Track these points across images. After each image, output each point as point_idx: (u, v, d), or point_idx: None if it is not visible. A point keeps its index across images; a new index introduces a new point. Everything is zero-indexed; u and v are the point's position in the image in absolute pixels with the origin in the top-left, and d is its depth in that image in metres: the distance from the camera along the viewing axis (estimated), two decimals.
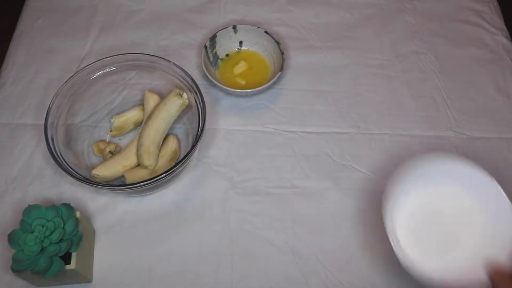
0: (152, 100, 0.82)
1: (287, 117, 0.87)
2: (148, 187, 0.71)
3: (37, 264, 0.61)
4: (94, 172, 0.75)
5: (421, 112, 0.89)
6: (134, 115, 0.84)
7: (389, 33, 0.99)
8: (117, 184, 0.78)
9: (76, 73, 0.79)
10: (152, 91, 0.84)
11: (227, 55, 0.94)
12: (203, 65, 0.86)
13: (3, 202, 0.77)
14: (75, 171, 0.71)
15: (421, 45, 0.97)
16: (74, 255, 0.64)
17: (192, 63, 0.93)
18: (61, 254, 0.63)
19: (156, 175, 0.69)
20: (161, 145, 0.79)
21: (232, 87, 0.86)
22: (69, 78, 0.78)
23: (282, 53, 0.88)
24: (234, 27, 0.92)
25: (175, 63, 0.80)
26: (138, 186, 0.70)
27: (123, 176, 0.77)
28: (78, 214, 0.67)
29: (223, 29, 0.91)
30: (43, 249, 0.62)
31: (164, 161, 0.78)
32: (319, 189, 0.80)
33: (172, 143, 0.81)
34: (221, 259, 0.73)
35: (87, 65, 0.80)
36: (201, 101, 0.77)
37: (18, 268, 0.61)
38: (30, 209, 0.64)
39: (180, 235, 0.75)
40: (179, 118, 0.82)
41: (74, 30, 0.97)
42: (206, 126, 0.76)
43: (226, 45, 0.93)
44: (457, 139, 0.85)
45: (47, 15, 1.00)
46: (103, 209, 0.77)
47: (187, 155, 0.72)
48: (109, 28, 0.98)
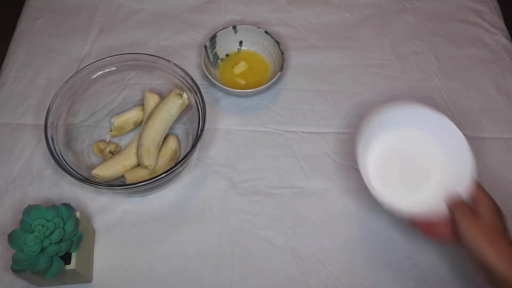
0: (152, 100, 0.82)
1: (287, 117, 0.87)
2: (148, 187, 0.71)
3: (37, 264, 0.61)
4: (94, 172, 0.75)
5: None
6: (134, 115, 0.84)
7: (389, 33, 0.99)
8: (117, 184, 0.78)
9: (76, 73, 0.79)
10: (152, 91, 0.84)
11: (227, 55, 0.94)
12: (203, 65, 0.86)
13: (3, 202, 0.77)
14: (75, 171, 0.71)
15: (421, 45, 0.97)
16: (74, 255, 0.64)
17: (192, 63, 0.93)
18: (61, 254, 0.63)
19: (156, 175, 0.69)
20: (161, 145, 0.79)
21: (232, 87, 0.86)
22: (69, 78, 0.78)
23: (282, 53, 0.88)
24: (234, 27, 0.92)
25: (175, 63, 0.80)
26: (138, 186, 0.70)
27: (123, 176, 0.77)
28: (78, 214, 0.67)
29: (223, 29, 0.91)
30: (43, 249, 0.62)
31: (164, 161, 0.78)
32: (319, 189, 0.80)
33: (172, 143, 0.81)
34: (221, 259, 0.73)
35: (87, 65, 0.80)
36: (201, 101, 0.77)
37: (18, 268, 0.61)
38: (30, 209, 0.64)
39: (180, 235, 0.75)
40: (179, 118, 0.82)
41: (74, 30, 0.97)
42: (206, 126, 0.76)
43: (226, 45, 0.93)
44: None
45: (47, 15, 1.00)
46: (103, 209, 0.77)
47: (187, 155, 0.72)
48: (109, 28, 0.98)
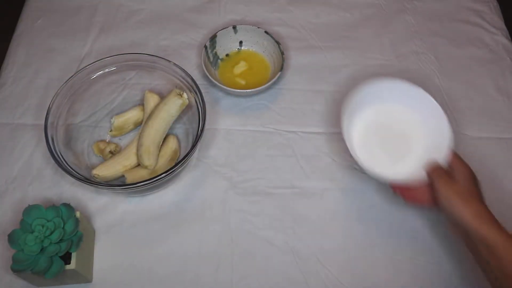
0: (152, 100, 0.82)
1: (287, 117, 0.87)
2: (148, 187, 0.71)
3: (37, 264, 0.61)
4: (94, 172, 0.75)
5: None
6: (134, 115, 0.84)
7: (389, 33, 0.99)
8: (117, 184, 0.78)
9: (76, 73, 0.79)
10: (152, 91, 0.84)
11: (227, 55, 0.94)
12: (203, 65, 0.86)
13: (3, 202, 0.77)
14: (75, 171, 0.71)
15: (421, 45, 0.97)
16: (74, 255, 0.64)
17: (192, 63, 0.93)
18: (61, 254, 0.63)
19: (156, 175, 0.69)
20: (161, 145, 0.79)
21: (232, 87, 0.86)
22: (69, 78, 0.78)
23: (282, 53, 0.88)
24: (234, 27, 0.92)
25: (175, 63, 0.80)
26: (138, 186, 0.70)
27: (123, 176, 0.77)
28: (78, 214, 0.67)
29: (223, 29, 0.91)
30: (43, 249, 0.62)
31: (164, 161, 0.78)
32: (319, 189, 0.80)
33: (172, 143, 0.81)
34: (221, 259, 0.73)
35: (87, 65, 0.80)
36: (201, 101, 0.77)
37: (18, 268, 0.61)
38: (30, 209, 0.64)
39: (180, 235, 0.75)
40: (179, 118, 0.82)
41: (74, 30, 0.97)
42: (206, 126, 0.76)
43: (226, 45, 0.93)
44: (457, 139, 0.85)
45: (47, 15, 1.00)
46: (103, 209, 0.77)
47: (187, 155, 0.72)
48: (109, 28, 0.98)
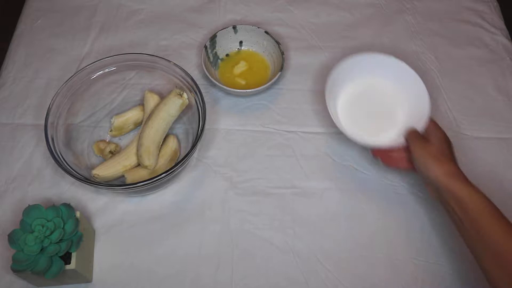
0: (152, 100, 0.82)
1: (287, 117, 0.87)
2: (148, 187, 0.71)
3: (37, 264, 0.61)
4: (94, 172, 0.75)
5: None
6: (134, 115, 0.84)
7: (389, 33, 0.99)
8: (117, 184, 0.78)
9: (76, 73, 0.79)
10: (152, 91, 0.84)
11: (227, 55, 0.94)
12: (203, 65, 0.86)
13: (3, 202, 0.77)
14: (75, 171, 0.71)
15: (421, 45, 0.97)
16: (74, 255, 0.64)
17: (192, 63, 0.93)
18: (61, 254, 0.63)
19: (156, 175, 0.69)
20: (161, 145, 0.79)
21: (232, 87, 0.86)
22: (69, 78, 0.78)
23: (282, 53, 0.88)
24: (234, 27, 0.92)
25: (175, 63, 0.80)
26: (138, 186, 0.70)
27: (123, 176, 0.77)
28: (78, 214, 0.67)
29: (223, 29, 0.91)
30: (43, 249, 0.62)
31: (164, 161, 0.78)
32: (319, 189, 0.80)
33: (172, 143, 0.81)
34: (221, 259, 0.73)
35: (87, 65, 0.80)
36: (201, 101, 0.77)
37: (18, 268, 0.61)
38: (30, 209, 0.64)
39: (180, 235, 0.75)
40: (179, 118, 0.82)
41: (74, 30, 0.97)
42: (206, 126, 0.76)
43: (226, 45, 0.93)
44: (457, 139, 0.85)
45: (47, 15, 1.00)
46: (103, 209, 0.77)
47: (187, 155, 0.72)
48: (109, 28, 0.98)
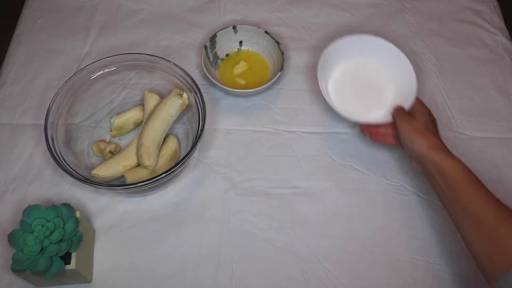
0: (152, 100, 0.82)
1: (287, 117, 0.87)
2: (148, 187, 0.71)
3: (37, 264, 0.61)
4: (94, 172, 0.75)
5: None
6: (134, 115, 0.84)
7: (389, 33, 0.99)
8: (117, 184, 0.78)
9: (76, 73, 0.79)
10: (152, 91, 0.84)
11: (227, 55, 0.94)
12: (203, 65, 0.86)
13: (3, 202, 0.77)
14: (75, 171, 0.71)
15: (421, 45, 0.97)
16: (74, 255, 0.64)
17: (192, 63, 0.93)
18: (61, 254, 0.63)
19: (156, 175, 0.69)
20: (161, 145, 0.79)
21: (232, 87, 0.86)
22: (69, 78, 0.78)
23: (282, 53, 0.88)
24: (234, 27, 0.92)
25: (175, 63, 0.80)
26: (138, 186, 0.70)
27: (123, 176, 0.77)
28: (78, 214, 0.67)
29: (223, 29, 0.91)
30: (43, 249, 0.62)
31: (164, 161, 0.78)
32: (319, 189, 0.80)
33: (172, 143, 0.81)
34: (221, 259, 0.73)
35: (87, 65, 0.80)
36: (201, 101, 0.77)
37: (18, 268, 0.61)
38: (30, 209, 0.64)
39: (180, 235, 0.75)
40: (179, 118, 0.82)
41: (74, 30, 0.97)
42: (206, 126, 0.76)
43: (226, 45, 0.93)
44: (457, 139, 0.85)
45: (47, 15, 1.00)
46: (103, 209, 0.77)
47: (187, 155, 0.72)
48: (109, 28, 0.98)
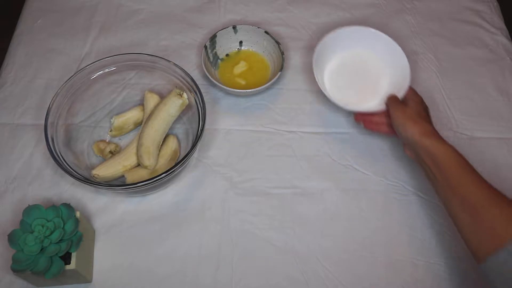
0: (152, 100, 0.82)
1: (287, 117, 0.87)
2: (148, 187, 0.71)
3: (37, 264, 0.61)
4: (94, 172, 0.75)
5: None
6: (134, 115, 0.84)
7: (389, 33, 0.98)
8: (117, 184, 0.78)
9: (76, 73, 0.79)
10: (152, 91, 0.84)
11: (227, 55, 0.94)
12: (203, 65, 0.86)
13: (3, 202, 0.77)
14: (75, 171, 0.71)
15: (421, 45, 0.97)
16: (74, 255, 0.64)
17: (192, 63, 0.93)
18: (61, 254, 0.63)
19: (156, 175, 0.69)
20: (161, 145, 0.79)
21: (232, 87, 0.86)
22: (69, 78, 0.78)
23: (282, 53, 0.88)
24: (234, 27, 0.92)
25: (175, 63, 0.80)
26: (138, 186, 0.70)
27: (123, 176, 0.77)
28: (78, 214, 0.67)
29: (223, 29, 0.91)
30: (43, 249, 0.62)
31: (164, 161, 0.78)
32: (319, 189, 0.80)
33: (172, 143, 0.81)
34: (221, 259, 0.73)
35: (87, 65, 0.80)
36: (201, 101, 0.77)
37: (18, 268, 0.61)
38: (30, 209, 0.64)
39: (180, 235, 0.75)
40: (179, 118, 0.82)
41: (74, 30, 0.97)
42: (206, 126, 0.76)
43: (226, 45, 0.93)
44: (457, 139, 0.85)
45: (47, 15, 1.00)
46: (103, 209, 0.77)
47: (187, 155, 0.72)
48: (109, 28, 0.98)
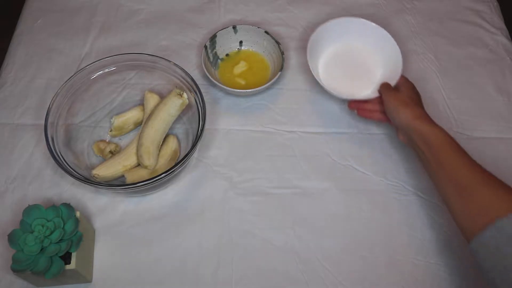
0: (152, 100, 0.82)
1: (287, 117, 0.87)
2: (148, 187, 0.71)
3: (37, 264, 0.61)
4: (94, 172, 0.75)
5: None
6: (134, 115, 0.84)
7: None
8: (117, 184, 0.78)
9: (76, 73, 0.79)
10: (152, 91, 0.84)
11: (227, 55, 0.94)
12: (203, 65, 0.86)
13: (3, 202, 0.77)
14: (75, 171, 0.71)
15: (421, 45, 0.97)
16: (74, 255, 0.64)
17: (192, 63, 0.93)
18: (61, 254, 0.63)
19: (156, 175, 0.69)
20: (161, 145, 0.79)
21: (232, 87, 0.86)
22: (69, 78, 0.78)
23: (282, 53, 0.88)
24: (234, 27, 0.92)
25: (175, 63, 0.80)
26: (138, 186, 0.70)
27: (123, 176, 0.77)
28: (78, 214, 0.67)
29: (223, 29, 0.91)
30: (43, 249, 0.62)
31: (164, 161, 0.78)
32: (319, 189, 0.80)
33: (172, 143, 0.81)
34: (221, 259, 0.73)
35: (87, 65, 0.80)
36: (201, 101, 0.77)
37: (18, 268, 0.61)
38: (30, 209, 0.64)
39: (180, 235, 0.75)
40: (179, 118, 0.82)
41: (74, 30, 0.97)
42: (206, 126, 0.76)
43: (226, 45, 0.93)
44: (457, 139, 0.85)
45: (47, 15, 1.00)
46: (103, 209, 0.77)
47: (187, 155, 0.72)
48: (109, 28, 0.98)
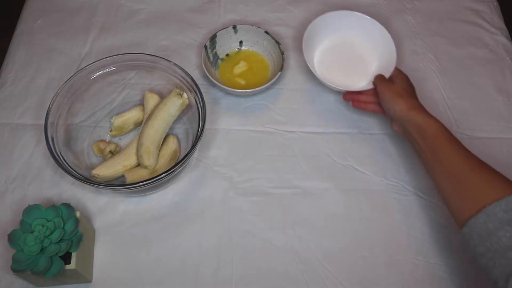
0: (152, 100, 0.82)
1: (287, 117, 0.87)
2: (148, 187, 0.71)
3: (37, 264, 0.61)
4: (94, 172, 0.75)
5: None
6: (134, 115, 0.84)
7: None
8: (117, 184, 0.78)
9: (76, 73, 0.79)
10: (152, 91, 0.84)
11: (227, 55, 0.94)
12: (203, 65, 0.86)
13: (3, 202, 0.77)
14: (75, 171, 0.71)
15: (421, 45, 0.97)
16: (74, 255, 0.65)
17: (192, 63, 0.93)
18: (61, 254, 0.63)
19: (156, 175, 0.69)
20: (161, 145, 0.79)
21: (232, 87, 0.86)
22: (69, 78, 0.78)
23: (282, 53, 0.88)
24: (234, 27, 0.92)
25: (175, 63, 0.80)
26: (138, 186, 0.70)
27: (123, 176, 0.77)
28: (78, 214, 0.67)
29: (223, 29, 0.91)
30: (43, 249, 0.62)
31: (164, 161, 0.78)
32: (319, 189, 0.80)
33: (172, 143, 0.81)
34: (221, 259, 0.73)
35: (87, 65, 0.80)
36: (201, 101, 0.77)
37: (18, 268, 0.61)
38: (30, 209, 0.64)
39: (180, 235, 0.75)
40: (179, 118, 0.82)
41: (74, 30, 0.97)
42: (206, 126, 0.76)
43: (226, 45, 0.93)
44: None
45: (47, 15, 1.00)
46: (103, 209, 0.77)
47: (187, 155, 0.72)
48: (109, 28, 0.98)
